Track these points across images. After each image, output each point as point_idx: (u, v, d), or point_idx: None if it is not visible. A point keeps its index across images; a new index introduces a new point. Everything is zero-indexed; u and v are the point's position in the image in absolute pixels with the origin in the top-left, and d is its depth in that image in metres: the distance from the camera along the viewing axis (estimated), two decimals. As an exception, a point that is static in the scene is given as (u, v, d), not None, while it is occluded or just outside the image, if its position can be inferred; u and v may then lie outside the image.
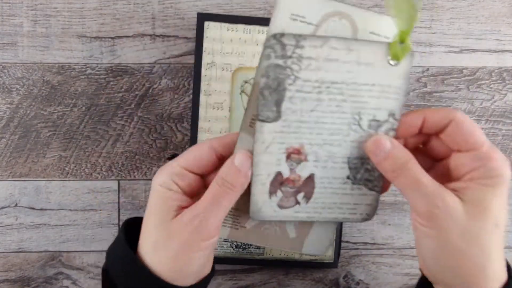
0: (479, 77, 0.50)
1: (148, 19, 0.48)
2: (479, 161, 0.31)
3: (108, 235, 0.49)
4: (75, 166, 0.49)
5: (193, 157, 0.35)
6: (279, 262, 0.49)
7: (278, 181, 0.35)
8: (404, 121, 0.34)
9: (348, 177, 0.35)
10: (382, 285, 0.52)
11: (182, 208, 0.34)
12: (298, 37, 0.32)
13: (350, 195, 0.35)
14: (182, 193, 0.35)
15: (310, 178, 0.35)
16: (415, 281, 0.51)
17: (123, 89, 0.49)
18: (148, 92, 0.49)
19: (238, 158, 0.34)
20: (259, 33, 0.46)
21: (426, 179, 0.32)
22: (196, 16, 0.46)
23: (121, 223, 0.49)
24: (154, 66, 0.49)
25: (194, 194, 0.36)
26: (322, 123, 0.34)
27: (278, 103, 0.33)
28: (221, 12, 0.48)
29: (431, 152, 0.35)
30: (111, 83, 0.48)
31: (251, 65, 0.46)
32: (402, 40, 0.32)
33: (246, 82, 0.46)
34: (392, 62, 0.33)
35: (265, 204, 0.35)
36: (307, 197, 0.36)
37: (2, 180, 0.49)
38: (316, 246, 0.38)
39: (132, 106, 0.49)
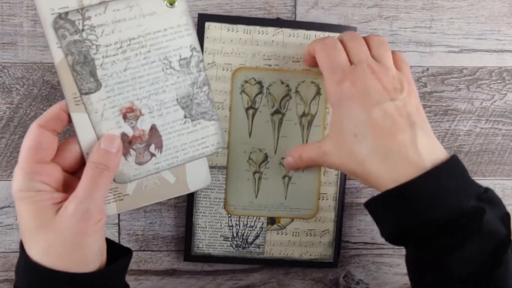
0: (479, 77, 0.50)
1: (148, 19, 0.48)
2: (325, 91, 0.40)
3: (108, 235, 0.49)
4: (75, 166, 0.49)
5: (31, 147, 0.35)
6: (279, 261, 0.49)
7: (126, 142, 0.38)
8: (307, 53, 0.43)
9: (185, 116, 0.39)
10: (382, 285, 0.52)
11: (57, 203, 0.35)
12: (81, 10, 0.35)
13: (195, 132, 0.39)
14: (53, 190, 0.35)
15: (153, 129, 0.38)
16: (415, 281, 0.52)
17: (123, 89, 0.49)
18: (148, 92, 0.49)
19: (103, 143, 0.36)
20: (259, 34, 0.46)
21: (310, 145, 0.43)
22: (195, 16, 0.46)
23: (121, 223, 0.49)
24: (154, 66, 0.49)
25: (61, 184, 0.36)
26: (139, 77, 0.37)
27: (93, 73, 0.36)
28: (221, 12, 0.48)
29: None
30: (111, 83, 0.48)
31: (251, 65, 0.46)
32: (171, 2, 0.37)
33: (246, 82, 0.46)
34: (169, 5, 0.37)
35: (124, 166, 0.38)
36: (159, 147, 0.38)
37: (2, 180, 0.49)
38: (199, 179, 0.42)
39: (132, 106, 0.49)
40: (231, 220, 0.48)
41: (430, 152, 0.36)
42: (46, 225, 0.34)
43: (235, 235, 0.48)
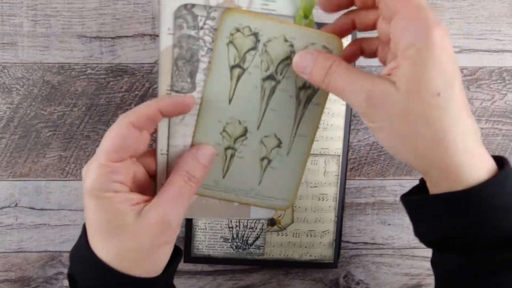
0: (479, 77, 0.50)
1: (148, 19, 0.48)
2: (401, 28, 0.29)
3: (108, 235, 0.49)
4: (75, 166, 0.49)
5: (116, 146, 0.32)
6: (279, 262, 0.49)
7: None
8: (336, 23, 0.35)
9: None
10: (382, 285, 0.52)
11: (134, 205, 0.32)
12: (208, 8, 0.32)
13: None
14: (129, 191, 0.33)
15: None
16: (415, 281, 0.52)
17: (123, 89, 0.49)
18: (148, 92, 0.49)
19: (202, 154, 0.34)
20: None
21: (355, 75, 0.31)
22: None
23: None
24: (154, 66, 0.49)
25: (139, 183, 0.34)
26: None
27: (192, 75, 0.34)
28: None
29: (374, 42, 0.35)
30: (111, 83, 0.48)
31: (248, 7, 0.34)
32: (306, 15, 0.33)
33: (238, 30, 0.34)
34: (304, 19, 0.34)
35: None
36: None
37: (2, 180, 0.49)
38: (263, 211, 0.39)
39: (132, 106, 0.49)
40: (231, 221, 0.48)
41: (485, 153, 0.31)
42: (123, 229, 0.32)
43: (235, 236, 0.48)
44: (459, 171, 0.30)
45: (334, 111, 0.47)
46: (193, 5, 0.32)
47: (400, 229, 0.51)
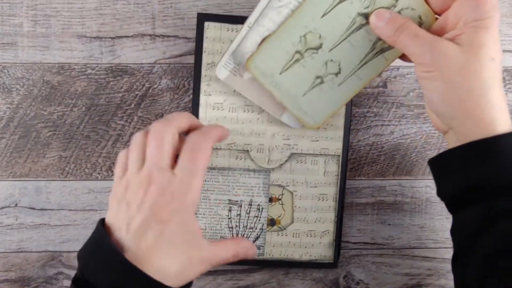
0: (479, 77, 0.50)
1: (148, 19, 0.48)
2: (469, 7, 0.36)
3: (108, 235, 0.49)
4: (75, 166, 0.49)
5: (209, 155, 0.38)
6: (279, 262, 0.49)
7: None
8: None
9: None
10: (382, 285, 0.52)
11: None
12: None
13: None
14: None
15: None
16: (415, 281, 0.52)
17: (123, 89, 0.49)
18: (148, 92, 0.49)
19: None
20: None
21: (423, 32, 0.38)
22: (195, 16, 0.46)
23: None
24: (154, 66, 0.49)
25: None
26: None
27: None
28: (221, 12, 0.48)
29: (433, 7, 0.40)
30: (111, 83, 0.48)
31: None
32: None
33: None
34: None
35: (249, 53, 0.42)
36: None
37: (2, 180, 0.49)
38: (294, 119, 0.45)
39: (132, 106, 0.49)
40: (231, 221, 0.48)
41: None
42: (197, 248, 0.36)
43: (235, 236, 0.48)
44: (494, 123, 0.35)
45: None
46: None
47: (400, 229, 0.51)
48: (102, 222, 0.36)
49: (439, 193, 0.38)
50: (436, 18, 0.39)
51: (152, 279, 0.33)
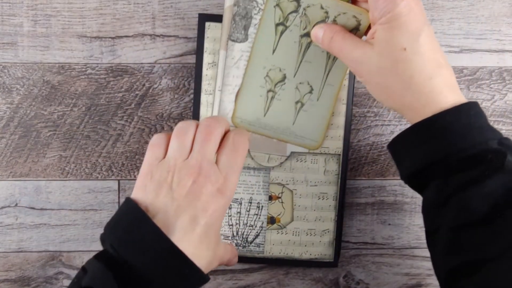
0: (479, 77, 0.50)
1: (148, 19, 0.48)
2: (371, 6, 0.37)
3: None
4: (75, 166, 0.49)
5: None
6: (279, 260, 0.49)
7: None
8: None
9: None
10: (382, 285, 0.52)
11: None
12: None
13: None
14: None
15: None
16: (415, 281, 0.52)
17: (123, 89, 0.49)
18: (148, 92, 0.49)
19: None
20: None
21: (347, 42, 0.39)
22: (196, 16, 0.46)
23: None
24: (154, 66, 0.49)
25: None
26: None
27: (246, 28, 0.44)
28: (221, 12, 0.48)
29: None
30: (111, 83, 0.49)
31: None
32: None
33: None
34: None
35: (231, 111, 0.46)
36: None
37: (2, 180, 0.49)
38: (297, 148, 0.48)
39: (132, 106, 0.49)
40: (231, 219, 0.48)
41: (458, 91, 0.37)
42: (219, 243, 0.39)
43: (235, 234, 0.48)
44: (425, 109, 0.36)
45: (335, 110, 0.47)
46: None
47: (400, 229, 0.51)
48: (133, 200, 0.37)
49: (401, 177, 0.39)
50: None
51: (195, 266, 0.35)
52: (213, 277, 0.50)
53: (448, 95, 0.36)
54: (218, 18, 0.46)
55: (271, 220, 0.48)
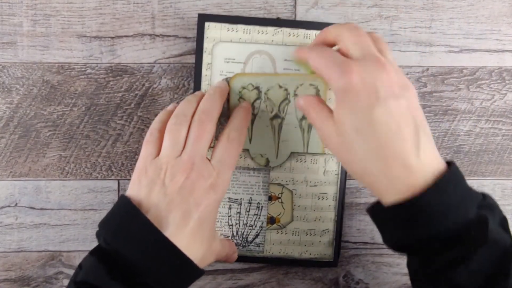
0: (479, 77, 0.50)
1: (147, 19, 0.48)
2: (328, 81, 0.36)
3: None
4: (75, 166, 0.49)
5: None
6: (279, 260, 0.49)
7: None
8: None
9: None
10: (381, 285, 0.52)
11: None
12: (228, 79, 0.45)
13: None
14: None
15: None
16: (414, 281, 0.51)
17: (123, 89, 0.49)
18: (148, 92, 0.49)
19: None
20: (258, 33, 0.46)
21: (318, 119, 0.38)
22: (195, 16, 0.46)
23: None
24: (154, 66, 0.49)
25: None
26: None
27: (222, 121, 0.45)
28: (221, 12, 0.48)
29: None
30: (111, 83, 0.48)
31: (250, 71, 0.46)
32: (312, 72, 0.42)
33: (244, 88, 0.46)
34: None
35: None
36: None
37: (2, 180, 0.49)
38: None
39: (132, 105, 0.49)
40: (231, 219, 0.48)
41: (431, 159, 0.35)
42: (214, 237, 0.40)
43: (235, 233, 0.48)
44: (388, 193, 0.34)
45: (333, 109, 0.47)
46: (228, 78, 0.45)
47: (399, 229, 0.51)
48: (127, 197, 0.38)
49: (383, 241, 0.38)
50: None
51: (187, 258, 0.36)
52: (212, 277, 0.50)
53: (426, 166, 0.34)
54: (218, 18, 0.46)
55: (271, 220, 0.48)
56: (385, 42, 0.39)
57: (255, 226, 0.48)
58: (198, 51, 0.46)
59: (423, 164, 0.34)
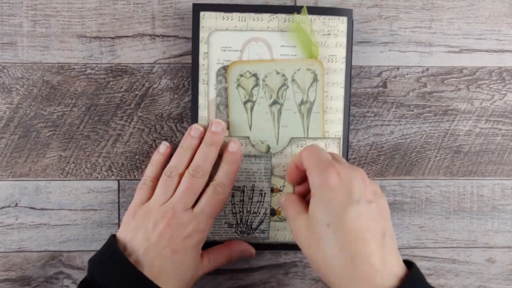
0: (479, 77, 0.50)
1: (147, 19, 0.48)
2: (308, 176, 0.39)
3: (108, 235, 0.49)
4: (75, 166, 0.49)
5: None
6: (284, 246, 0.49)
7: None
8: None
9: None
10: (381, 285, 0.52)
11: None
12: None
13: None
14: None
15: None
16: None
17: (123, 89, 0.49)
18: (148, 92, 0.49)
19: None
20: (254, 21, 0.46)
21: (296, 208, 0.40)
22: (191, 6, 0.46)
23: (121, 217, 0.49)
24: (154, 66, 0.49)
25: None
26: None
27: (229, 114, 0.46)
28: (216, 0, 0.48)
29: None
30: (111, 83, 0.48)
31: (247, 58, 0.46)
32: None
33: (241, 75, 0.46)
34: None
35: None
36: None
37: (2, 180, 0.49)
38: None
39: (132, 106, 0.49)
40: (234, 207, 0.48)
41: (395, 262, 0.36)
42: (193, 270, 0.43)
43: (239, 221, 0.48)
44: (339, 285, 0.36)
45: (333, 94, 0.47)
46: (225, 67, 0.46)
47: (400, 229, 0.51)
48: (114, 238, 0.42)
49: None
50: None
51: None
52: (213, 277, 0.51)
53: (389, 269, 0.35)
54: (212, 7, 0.46)
55: (272, 212, 0.48)
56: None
57: (259, 213, 0.48)
58: (195, 41, 0.46)
59: (390, 265, 0.36)
